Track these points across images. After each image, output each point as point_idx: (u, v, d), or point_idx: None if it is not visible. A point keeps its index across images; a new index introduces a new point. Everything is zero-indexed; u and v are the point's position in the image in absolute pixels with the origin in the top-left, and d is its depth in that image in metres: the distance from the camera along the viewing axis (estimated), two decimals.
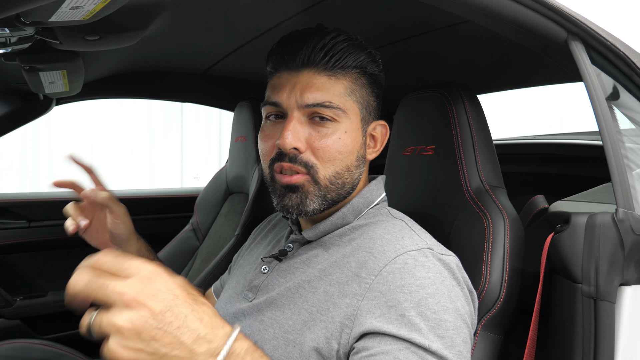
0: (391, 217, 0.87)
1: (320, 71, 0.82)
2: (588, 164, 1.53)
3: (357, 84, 0.85)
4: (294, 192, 0.82)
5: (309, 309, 0.78)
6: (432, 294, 0.72)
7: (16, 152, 4.60)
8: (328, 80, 0.82)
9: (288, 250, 0.90)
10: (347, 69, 0.84)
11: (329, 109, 0.81)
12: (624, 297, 0.83)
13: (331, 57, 0.82)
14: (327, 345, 0.74)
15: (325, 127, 0.82)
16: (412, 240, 0.79)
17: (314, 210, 0.83)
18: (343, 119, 0.82)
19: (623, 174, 0.87)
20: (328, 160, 0.81)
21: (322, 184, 0.82)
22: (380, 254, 0.77)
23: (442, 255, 0.78)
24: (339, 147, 0.82)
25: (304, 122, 0.82)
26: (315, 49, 0.82)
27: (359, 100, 0.85)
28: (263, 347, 0.79)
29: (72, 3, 0.71)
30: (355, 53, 0.84)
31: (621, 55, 0.96)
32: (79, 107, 3.14)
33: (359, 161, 0.86)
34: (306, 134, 0.82)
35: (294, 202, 0.83)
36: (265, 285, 0.88)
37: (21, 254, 2.10)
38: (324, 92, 0.81)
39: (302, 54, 0.82)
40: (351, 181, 0.85)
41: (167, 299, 0.52)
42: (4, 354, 1.54)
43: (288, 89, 0.83)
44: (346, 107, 0.83)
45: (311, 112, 0.82)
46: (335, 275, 0.79)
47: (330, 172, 0.82)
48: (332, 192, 0.83)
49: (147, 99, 2.39)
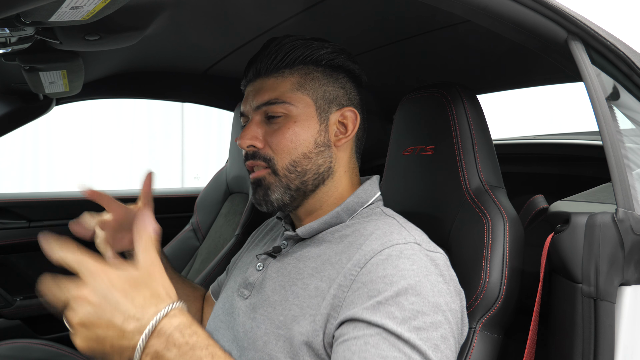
0: (384, 216, 0.88)
1: (269, 75, 0.90)
2: (588, 164, 1.53)
3: (307, 77, 0.90)
4: (259, 186, 0.90)
5: (299, 304, 0.80)
6: (413, 285, 0.72)
7: (16, 152, 4.60)
8: (275, 80, 0.89)
9: (282, 247, 0.91)
10: (294, 66, 0.90)
11: (276, 104, 0.88)
12: (624, 297, 0.83)
13: (273, 60, 0.89)
14: (316, 338, 0.75)
15: (276, 122, 0.88)
16: (401, 235, 0.80)
17: (277, 199, 0.89)
18: (292, 111, 0.88)
19: (623, 174, 0.87)
20: (282, 150, 0.87)
21: (281, 173, 0.88)
22: (368, 247, 0.79)
23: (430, 252, 0.79)
24: (289, 137, 0.87)
25: (260, 122, 0.90)
26: (263, 58, 0.90)
27: (310, 92, 0.90)
28: (256, 343, 0.81)
29: (72, 3, 0.71)
30: (301, 49, 0.90)
31: (621, 55, 0.96)
32: (79, 107, 3.14)
33: (320, 147, 0.89)
34: (263, 132, 0.89)
35: (260, 195, 0.90)
36: (259, 282, 0.90)
37: (21, 254, 2.10)
38: (271, 91, 0.89)
39: (254, 67, 0.92)
40: (314, 167, 0.89)
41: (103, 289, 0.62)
42: (4, 354, 1.54)
43: (247, 98, 0.92)
44: (295, 99, 0.88)
45: (263, 111, 0.89)
46: (327, 272, 0.80)
47: (286, 161, 0.87)
48: (293, 180, 0.88)
49: (147, 99, 2.39)
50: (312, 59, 0.90)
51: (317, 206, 0.91)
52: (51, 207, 2.17)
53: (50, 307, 0.64)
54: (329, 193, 0.91)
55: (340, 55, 0.92)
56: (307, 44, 0.90)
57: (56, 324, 2.11)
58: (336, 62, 0.92)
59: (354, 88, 0.94)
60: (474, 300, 0.85)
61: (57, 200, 2.21)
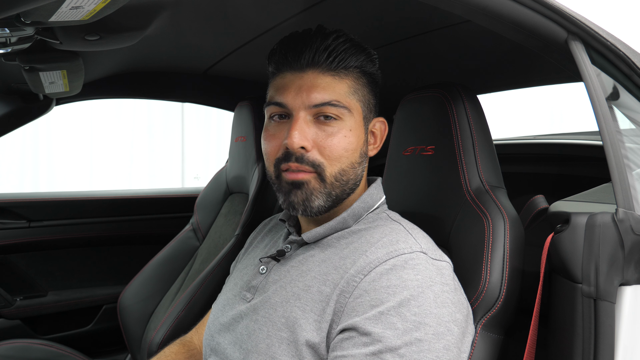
0: (390, 221, 0.87)
1: (325, 71, 0.84)
2: (588, 164, 1.53)
3: (358, 83, 0.87)
4: (299, 189, 0.84)
5: (301, 306, 0.79)
6: (416, 296, 0.72)
7: (16, 152, 4.60)
8: (332, 80, 0.84)
9: (286, 250, 0.90)
10: (349, 69, 0.85)
11: (335, 107, 0.83)
12: (624, 297, 0.83)
13: (335, 58, 0.83)
14: (321, 344, 0.75)
15: (331, 126, 0.83)
16: (407, 244, 0.79)
17: (318, 206, 0.84)
18: (347, 118, 0.84)
19: (623, 174, 0.87)
20: (335, 158, 0.83)
21: (328, 181, 0.84)
22: (373, 255, 0.78)
23: (436, 261, 0.79)
24: (345, 145, 0.83)
25: (309, 122, 0.83)
26: (319, 49, 0.83)
27: (361, 98, 0.87)
28: (258, 345, 0.80)
29: (72, 3, 0.71)
30: (356, 53, 0.86)
31: (621, 55, 0.96)
32: (79, 107, 3.14)
33: (362, 158, 0.88)
34: (312, 134, 0.83)
35: (299, 198, 0.84)
36: (262, 285, 0.89)
37: (21, 254, 2.10)
38: (330, 91, 0.83)
39: (306, 55, 0.84)
40: (354, 177, 0.87)
41: None
42: (4, 354, 1.54)
43: (293, 90, 0.84)
44: (350, 105, 0.85)
45: (317, 111, 0.83)
46: (331, 276, 0.80)
47: (336, 169, 0.84)
48: (336, 188, 0.85)
49: (147, 99, 2.39)
50: (362, 69, 0.87)
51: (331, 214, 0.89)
52: (51, 207, 2.17)
53: None
54: (350, 200, 0.89)
55: (377, 63, 0.91)
56: (362, 49, 0.87)
57: (56, 324, 2.11)
58: (372, 70, 0.90)
59: (378, 97, 0.93)
60: (475, 301, 0.85)
61: (57, 200, 2.21)
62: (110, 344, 2.20)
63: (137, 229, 2.30)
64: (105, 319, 2.19)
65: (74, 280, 2.18)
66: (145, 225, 2.32)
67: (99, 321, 2.19)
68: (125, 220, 2.29)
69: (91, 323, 2.18)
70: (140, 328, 1.72)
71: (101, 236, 2.23)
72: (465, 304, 0.79)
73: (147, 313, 1.74)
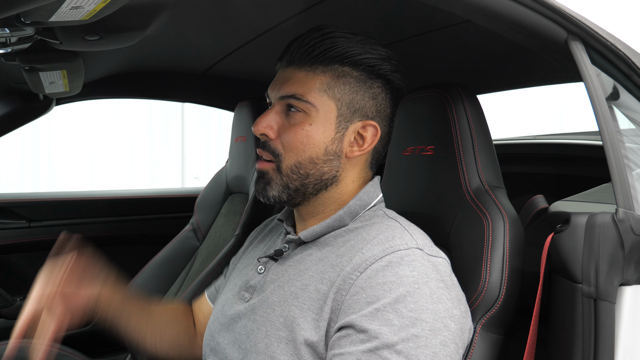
0: (387, 218, 0.87)
1: (301, 66, 0.86)
2: (588, 164, 1.53)
3: (338, 80, 0.85)
4: (262, 178, 0.89)
5: (299, 305, 0.79)
6: (412, 292, 0.72)
7: (16, 152, 4.60)
8: (306, 75, 0.86)
9: (284, 250, 0.91)
10: (329, 65, 0.85)
11: (298, 101, 0.85)
12: (624, 297, 0.83)
13: (311, 52, 0.85)
14: (320, 343, 0.76)
15: (294, 118, 0.86)
16: (403, 240, 0.79)
17: (273, 196, 0.88)
18: (312, 113, 0.85)
19: (623, 174, 0.87)
20: (290, 149, 0.86)
21: (284, 172, 0.86)
22: (369, 252, 0.78)
23: (432, 257, 0.79)
24: (301, 137, 0.85)
25: (280, 112, 0.88)
26: (301, 47, 0.86)
27: (337, 96, 0.86)
28: (257, 345, 0.81)
29: (72, 3, 0.71)
30: (341, 48, 0.84)
31: (621, 55, 0.96)
32: (79, 107, 3.14)
33: (329, 156, 0.86)
34: (280, 123, 0.87)
35: (260, 186, 0.89)
36: (261, 285, 0.89)
37: (21, 254, 2.10)
38: (298, 85, 0.85)
39: (289, 54, 0.88)
40: (318, 174, 0.86)
41: None
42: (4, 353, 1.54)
43: (275, 83, 0.89)
44: (317, 102, 0.85)
45: (285, 103, 0.87)
46: (328, 274, 0.80)
47: (292, 161, 0.86)
48: (294, 181, 0.86)
49: (147, 99, 2.39)
50: (350, 61, 0.86)
51: (319, 209, 0.90)
52: (51, 207, 2.18)
53: None
54: (332, 198, 0.89)
55: (383, 64, 0.88)
56: (349, 44, 0.85)
57: None
58: (376, 70, 0.87)
59: (387, 99, 0.90)
60: (474, 301, 0.85)
61: (57, 200, 2.21)
62: (110, 344, 2.20)
63: (137, 229, 2.31)
64: None
65: None
66: (145, 225, 2.32)
67: (99, 321, 2.18)
68: (125, 220, 2.29)
69: (91, 323, 2.18)
70: None
71: (101, 236, 2.23)
72: (463, 300, 0.79)
73: None
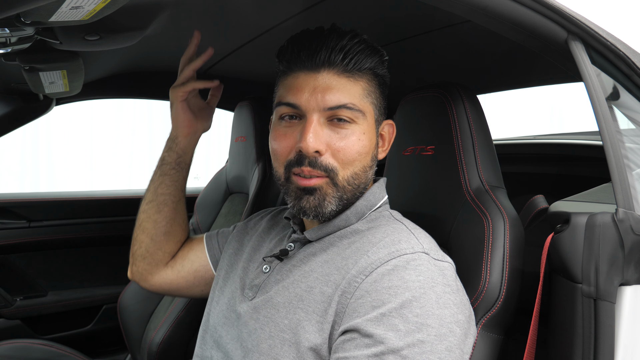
0: (393, 220, 0.87)
1: (340, 72, 0.82)
2: (588, 164, 1.53)
3: (371, 85, 0.86)
4: (312, 195, 0.82)
5: (304, 308, 0.79)
6: (418, 297, 0.71)
7: (16, 152, 4.60)
8: (348, 81, 0.82)
9: (289, 250, 0.90)
10: (363, 71, 0.84)
11: (350, 110, 0.81)
12: (624, 297, 0.83)
13: (351, 59, 0.82)
14: (323, 346, 0.75)
15: (345, 129, 0.82)
16: (409, 244, 0.79)
17: (331, 211, 0.83)
18: (361, 121, 0.83)
19: (623, 174, 0.87)
20: (348, 162, 0.82)
21: (340, 185, 0.82)
22: (375, 255, 0.77)
23: (438, 261, 0.78)
24: (358, 149, 0.82)
25: (323, 124, 0.82)
26: (335, 49, 0.81)
27: (374, 101, 0.86)
28: (260, 345, 0.80)
29: (72, 3, 0.71)
30: (370, 55, 0.85)
31: (621, 55, 0.96)
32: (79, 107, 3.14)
33: (373, 161, 0.87)
34: (326, 136, 0.81)
35: (311, 204, 0.83)
36: (265, 284, 0.89)
37: (21, 254, 2.10)
38: (345, 93, 0.81)
39: (321, 55, 0.81)
40: (365, 181, 0.87)
41: None
42: (4, 354, 1.54)
43: (307, 90, 0.82)
44: (364, 108, 0.83)
45: (332, 114, 0.81)
46: (333, 277, 0.80)
47: (349, 173, 0.83)
48: (348, 192, 0.84)
49: (147, 99, 2.39)
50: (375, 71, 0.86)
51: None
52: (51, 207, 2.18)
53: None
54: None
55: (386, 65, 0.89)
56: (376, 51, 0.86)
57: (56, 324, 2.11)
58: (383, 72, 0.88)
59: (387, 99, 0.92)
60: (475, 300, 0.85)
61: (57, 200, 2.21)
62: (110, 344, 2.20)
63: None
64: (105, 319, 2.19)
65: (74, 281, 2.18)
66: None
67: (99, 321, 2.19)
68: (125, 220, 2.28)
69: (91, 323, 2.18)
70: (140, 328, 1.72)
71: (101, 236, 2.23)
72: (468, 305, 0.79)
73: (147, 313, 1.74)
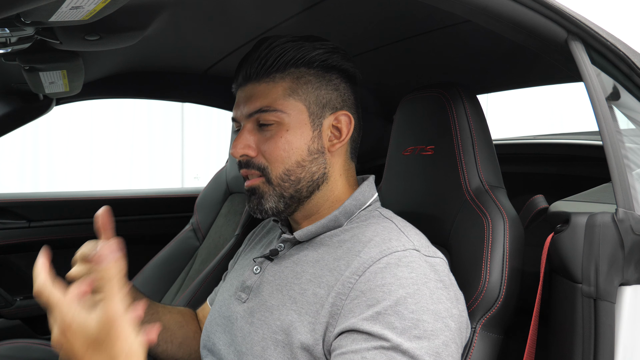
0: (382, 219, 0.87)
1: (260, 80, 0.87)
2: (588, 164, 1.53)
3: (299, 81, 0.87)
4: (253, 194, 0.89)
5: (297, 309, 0.79)
6: (412, 294, 0.72)
7: (16, 152, 4.60)
8: (267, 86, 0.87)
9: (279, 250, 0.91)
10: (285, 70, 0.87)
11: (267, 112, 0.86)
12: (624, 297, 0.83)
13: (265, 63, 0.86)
14: (316, 346, 0.75)
15: (269, 130, 0.87)
16: (399, 242, 0.79)
17: (271, 208, 0.88)
18: (284, 119, 0.86)
19: (623, 174, 0.87)
20: (275, 159, 0.86)
21: (275, 182, 0.87)
22: (366, 254, 0.78)
23: (429, 257, 0.79)
24: (282, 146, 0.86)
25: (253, 130, 0.88)
26: (253, 61, 0.87)
27: (303, 97, 0.87)
28: (253, 348, 0.81)
29: (72, 3, 0.71)
30: (292, 51, 0.87)
31: (621, 55, 0.96)
32: (79, 107, 3.14)
33: (314, 155, 0.87)
34: (256, 140, 0.88)
35: (254, 203, 0.89)
36: (257, 285, 0.89)
37: (21, 254, 2.10)
38: (263, 98, 0.86)
39: (243, 71, 0.89)
40: (308, 175, 0.87)
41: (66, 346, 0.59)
42: (4, 354, 1.54)
43: (239, 104, 0.90)
44: (286, 108, 0.86)
45: (255, 119, 0.87)
46: (325, 278, 0.80)
47: (280, 170, 0.86)
48: (287, 189, 0.87)
49: (147, 99, 2.39)
50: (304, 62, 0.87)
51: (313, 210, 0.90)
52: (51, 207, 2.18)
53: None
54: (325, 197, 0.90)
55: (333, 55, 0.89)
56: (298, 46, 0.87)
57: None
58: (329, 63, 0.89)
59: (348, 88, 0.91)
60: (474, 301, 0.85)
61: (57, 200, 2.21)
62: None
63: (137, 229, 2.30)
64: None
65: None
66: (145, 225, 2.32)
67: None
68: (125, 220, 2.29)
69: None
70: None
71: None
72: (461, 299, 0.80)
73: None
